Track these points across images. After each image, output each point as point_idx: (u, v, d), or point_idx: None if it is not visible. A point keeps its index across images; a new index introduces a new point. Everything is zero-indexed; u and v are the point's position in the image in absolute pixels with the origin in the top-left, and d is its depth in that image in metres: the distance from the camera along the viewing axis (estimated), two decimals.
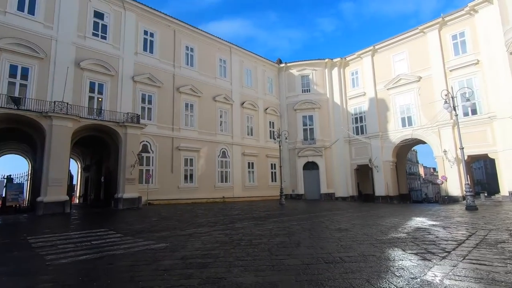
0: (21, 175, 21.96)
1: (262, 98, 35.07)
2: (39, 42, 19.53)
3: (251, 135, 33.07)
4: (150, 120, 24.52)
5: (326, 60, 35.08)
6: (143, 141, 23.37)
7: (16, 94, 18.19)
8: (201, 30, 29.78)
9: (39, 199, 17.09)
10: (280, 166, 28.36)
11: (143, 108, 24.33)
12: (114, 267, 6.15)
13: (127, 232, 10.49)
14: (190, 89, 27.54)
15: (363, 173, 33.55)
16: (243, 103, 32.38)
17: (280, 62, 37.75)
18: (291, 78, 36.57)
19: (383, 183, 30.02)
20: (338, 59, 34.79)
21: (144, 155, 23.06)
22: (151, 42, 25.92)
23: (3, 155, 31.02)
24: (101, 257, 6.85)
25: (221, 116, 30.27)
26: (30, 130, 19.06)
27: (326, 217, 14.68)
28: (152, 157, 24.23)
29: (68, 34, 21.02)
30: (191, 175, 26.73)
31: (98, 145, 24.62)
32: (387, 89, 30.56)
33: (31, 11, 19.75)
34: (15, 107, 17.06)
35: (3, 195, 18.25)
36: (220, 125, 30.11)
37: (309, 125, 34.73)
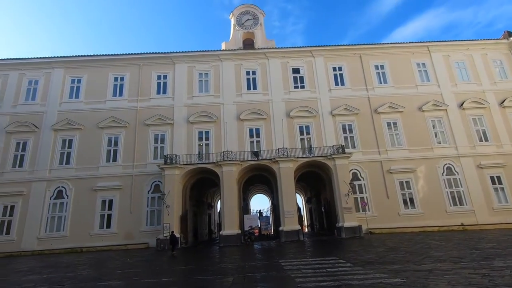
0: (266, 210, 28.47)
1: (491, 89, 26.66)
2: (262, 107, 25.91)
3: (486, 140, 25.29)
4: (354, 148, 24.90)
5: None
6: (352, 169, 23.85)
7: (255, 149, 24.64)
8: (387, 43, 28.15)
9: (280, 228, 21.21)
10: None
11: (345, 138, 25.29)
12: None
13: (355, 262, 10.61)
14: (388, 107, 25.83)
15: None
16: (462, 104, 25.95)
17: (509, 35, 27.79)
18: None
19: None
20: None
21: (356, 183, 23.29)
22: (341, 75, 27.39)
23: (254, 195, 41.95)
24: (339, 285, 7.27)
25: (434, 126, 25.67)
26: (267, 174, 24.74)
27: None
28: (364, 184, 23.99)
29: (279, 94, 26.50)
30: (411, 200, 23.68)
31: (314, 179, 27.70)
32: None
33: (255, 88, 26.91)
34: (256, 158, 23.08)
35: (259, 226, 24.31)
36: (436, 136, 25.43)
37: None
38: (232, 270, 10.52)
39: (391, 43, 28.13)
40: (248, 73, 27.41)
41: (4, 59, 26.45)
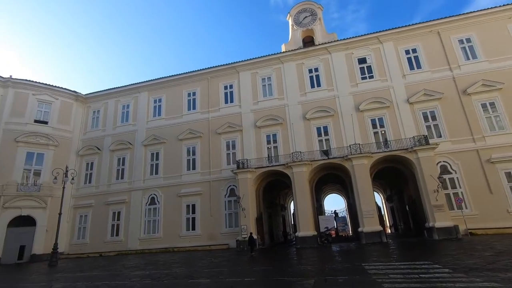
0: (342, 210, 27.24)
1: None
2: (328, 104, 25.03)
3: None
4: (440, 137, 21.92)
5: None
6: (440, 161, 21.03)
7: (324, 148, 23.89)
8: (473, 12, 24.02)
9: (359, 229, 19.98)
10: None
11: (427, 127, 22.47)
12: None
13: (455, 267, 9.25)
14: (482, 86, 21.98)
15: None
16: None
17: None
18: None
19: None
20: None
21: (446, 177, 20.39)
22: (415, 57, 24.57)
23: (327, 195, 40.66)
24: None
25: None
26: (339, 173, 23.69)
27: None
28: (457, 177, 20.84)
29: (345, 88, 25.22)
30: None
31: (393, 175, 25.33)
32: None
33: (319, 85, 26.23)
34: (327, 157, 22.36)
35: (335, 227, 23.40)
36: None
37: None
38: (312, 272, 10.35)
39: (478, 11, 23.92)
40: (310, 71, 26.88)
41: (104, 90, 31.80)
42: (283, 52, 28.18)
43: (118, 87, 31.48)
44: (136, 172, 28.00)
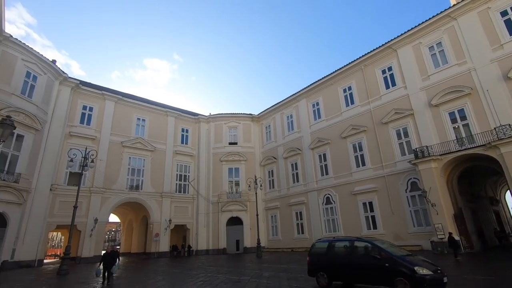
0: None
1: None
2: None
3: None
4: None
5: None
6: None
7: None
8: None
9: None
10: None
11: None
12: None
13: None
14: None
15: None
16: None
17: None
18: None
19: None
20: None
21: None
22: None
23: None
24: None
25: None
26: None
27: None
28: None
29: None
30: None
31: None
32: None
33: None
34: None
35: None
36: None
37: None
38: None
39: None
40: (504, 13, 19.66)
41: (270, 107, 36.60)
42: (455, 5, 22.23)
43: (280, 102, 35.28)
44: (308, 174, 30.00)
